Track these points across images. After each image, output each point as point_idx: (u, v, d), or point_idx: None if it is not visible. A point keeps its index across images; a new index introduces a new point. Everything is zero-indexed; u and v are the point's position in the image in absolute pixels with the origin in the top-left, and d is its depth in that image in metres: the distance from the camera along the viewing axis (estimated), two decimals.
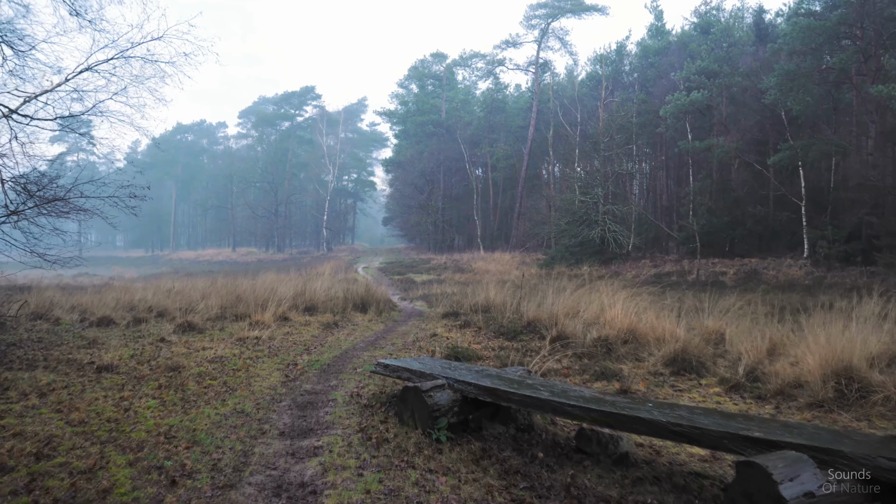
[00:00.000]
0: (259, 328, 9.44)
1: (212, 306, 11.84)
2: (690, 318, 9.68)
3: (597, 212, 32.31)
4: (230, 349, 7.92)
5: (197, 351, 7.83)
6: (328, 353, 7.98)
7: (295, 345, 8.57)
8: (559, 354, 7.44)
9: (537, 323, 9.14)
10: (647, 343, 7.94)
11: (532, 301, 11.21)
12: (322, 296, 13.27)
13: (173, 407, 5.24)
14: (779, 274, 25.07)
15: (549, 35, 43.85)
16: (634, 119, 34.69)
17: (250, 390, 5.91)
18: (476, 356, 7.31)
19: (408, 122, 54.99)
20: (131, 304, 12.98)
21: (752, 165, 29.96)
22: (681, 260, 30.99)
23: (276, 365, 7.15)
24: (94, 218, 8.46)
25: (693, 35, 35.91)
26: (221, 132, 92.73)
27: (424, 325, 10.98)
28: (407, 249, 56.51)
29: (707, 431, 3.12)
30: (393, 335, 9.65)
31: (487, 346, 8.34)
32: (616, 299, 10.32)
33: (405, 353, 7.91)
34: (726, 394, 5.81)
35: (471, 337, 9.11)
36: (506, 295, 12.62)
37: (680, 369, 6.64)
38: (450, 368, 5.07)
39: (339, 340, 9.14)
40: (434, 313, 13.03)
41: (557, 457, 4.01)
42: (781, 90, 25.03)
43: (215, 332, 9.44)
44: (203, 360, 7.19)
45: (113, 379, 6.24)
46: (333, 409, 5.26)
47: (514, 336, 8.80)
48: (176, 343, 8.44)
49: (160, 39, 10.88)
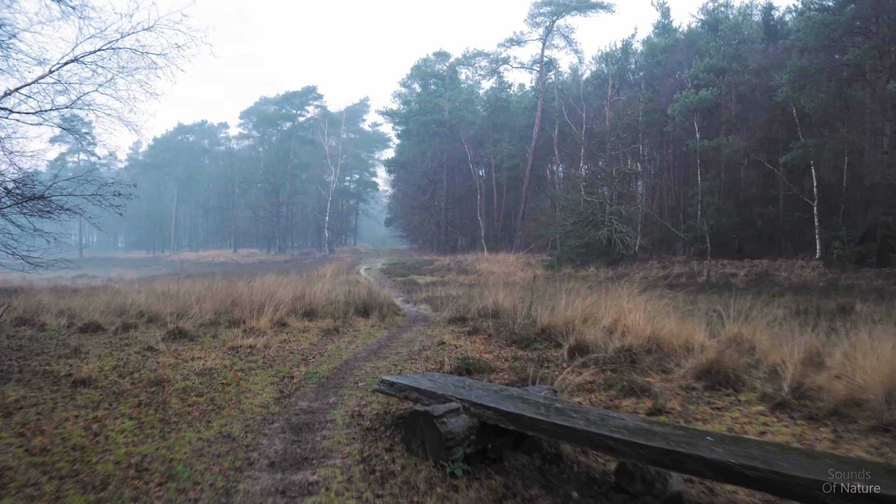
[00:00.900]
0: (254, 335, 8.83)
1: (206, 311, 11.24)
2: (712, 324, 9.09)
3: (603, 212, 31.68)
4: (221, 359, 7.32)
5: (185, 361, 7.23)
6: (327, 364, 7.37)
7: (292, 354, 7.96)
8: (578, 364, 6.84)
9: (552, 330, 8.54)
10: (672, 352, 7.33)
11: (544, 305, 10.61)
12: (322, 299, 12.67)
13: (150, 430, 4.64)
14: (791, 275, 24.44)
15: (554, 33, 43.32)
16: (641, 118, 34.08)
17: (240, 409, 5.31)
18: (489, 368, 6.70)
19: (410, 122, 54.41)
20: (123, 308, 12.35)
21: (762, 164, 29.34)
22: (689, 261, 30.38)
23: (269, 378, 6.55)
24: (74, 218, 7.84)
25: (701, 33, 35.30)
26: (223, 133, 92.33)
27: (430, 331, 10.37)
28: (409, 250, 55.95)
29: (793, 479, 2.50)
30: (397, 343, 9.04)
31: (500, 355, 7.72)
32: (633, 304, 9.73)
33: (411, 364, 7.29)
34: (771, 413, 5.18)
35: (481, 345, 8.49)
36: (515, 298, 12.02)
37: (714, 383, 6.03)
38: (464, 387, 4.46)
39: (340, 349, 8.54)
40: (440, 318, 12.43)
41: (595, 497, 3.40)
42: (793, 87, 24.42)
43: (207, 340, 8.85)
44: (191, 373, 6.59)
45: (89, 395, 5.65)
46: (332, 432, 4.66)
47: (527, 344, 8.20)
48: (164, 352, 7.84)
49: (151, 30, 10.31)
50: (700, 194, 31.30)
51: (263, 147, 73.94)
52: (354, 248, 67.52)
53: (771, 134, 29.00)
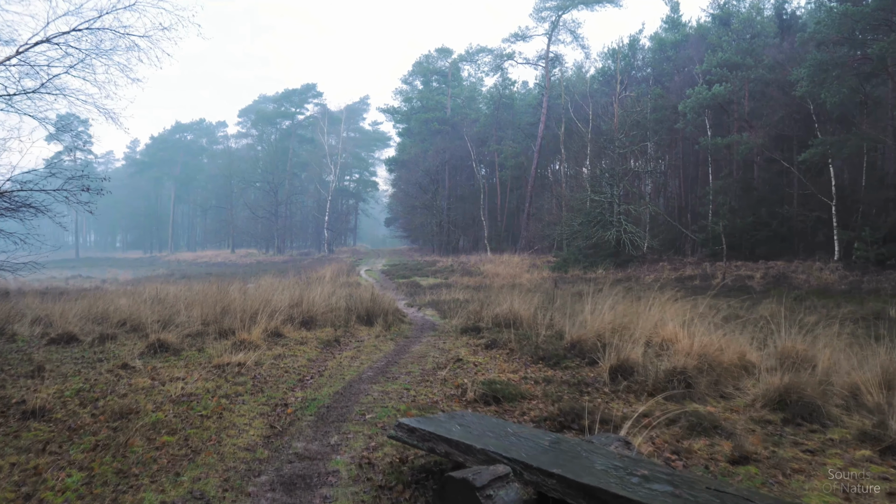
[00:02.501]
0: (245, 349, 7.79)
1: (194, 319, 10.22)
2: (755, 335, 8.10)
3: (612, 212, 30.65)
4: (204, 381, 6.28)
5: (162, 384, 6.19)
6: (328, 388, 6.32)
7: (287, 373, 6.92)
8: (622, 389, 5.82)
9: (583, 344, 7.51)
10: (726, 372, 6.33)
11: (564, 312, 9.60)
12: (322, 305, 11.62)
13: (101, 489, 3.60)
14: (810, 278, 23.43)
15: (560, 28, 42.20)
16: (649, 115, 33.06)
17: (219, 453, 4.27)
18: (520, 394, 5.66)
19: (412, 120, 53.34)
20: (104, 314, 11.28)
21: (776, 163, 28.35)
22: (700, 263, 29.38)
23: (259, 406, 5.51)
24: (39, 216, 6.81)
25: (711, 27, 34.33)
26: (221, 132, 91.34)
27: (442, 343, 9.33)
28: (410, 251, 54.96)
29: None
30: (406, 358, 8.00)
31: (527, 376, 6.67)
32: (667, 312, 8.72)
33: (425, 388, 6.23)
34: (882, 459, 4.16)
35: (503, 362, 7.45)
36: (533, 305, 11.00)
37: (793, 416, 5.01)
38: (506, 435, 3.44)
39: (342, 366, 7.50)
40: (450, 326, 11.40)
41: None
42: (813, 82, 23.38)
43: (192, 354, 7.81)
44: (166, 400, 5.55)
45: (38, 431, 4.63)
46: (334, 489, 3.63)
47: (556, 362, 7.16)
48: (139, 371, 6.82)
49: (132, 8, 9.27)
50: (712, 193, 30.30)
51: (262, 146, 72.92)
52: (354, 248, 66.56)
53: (785, 131, 27.95)
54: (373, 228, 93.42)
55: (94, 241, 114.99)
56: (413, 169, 49.90)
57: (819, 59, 22.85)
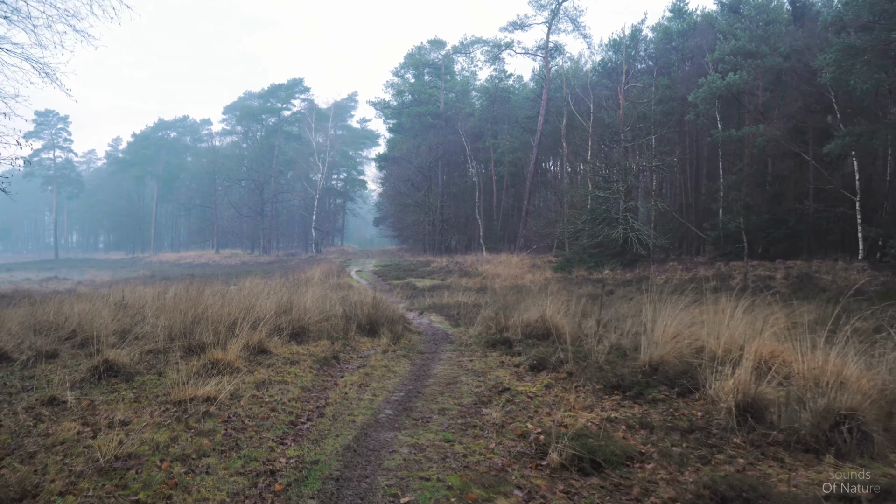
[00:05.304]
0: (218, 374, 5.87)
1: (160, 330, 8.28)
2: (867, 350, 6.36)
3: (618, 209, 28.93)
4: (154, 430, 4.35)
5: (95, 433, 4.26)
6: (333, 439, 4.39)
7: (274, 413, 4.99)
8: (766, 441, 4.00)
9: (667, 367, 5.67)
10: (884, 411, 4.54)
11: (607, 321, 7.79)
12: (315, 312, 9.67)
13: None
14: (836, 278, 21.84)
15: (561, 16, 40.33)
16: (655, 107, 31.39)
17: None
18: (624, 454, 3.79)
19: (403, 115, 51.37)
20: (52, 324, 9.25)
21: (792, 156, 26.79)
22: (713, 262, 27.78)
23: (231, 479, 3.60)
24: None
25: (719, 15, 32.81)
26: (206, 129, 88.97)
27: (469, 361, 7.45)
28: (400, 251, 53.19)
29: None
30: (432, 386, 6.10)
31: (612, 417, 4.79)
32: (741, 322, 6.93)
33: (476, 441, 4.30)
34: None
35: (564, 392, 5.56)
36: (569, 311, 9.15)
37: None
38: None
39: (348, 399, 5.58)
40: (468, 337, 9.55)
41: None
42: (840, 68, 21.75)
43: (148, 381, 5.88)
44: (89, 468, 3.63)
45: None
46: None
47: (639, 392, 5.31)
48: (69, 409, 4.89)
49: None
50: (724, 189, 28.70)
51: (248, 143, 70.77)
52: (342, 248, 64.69)
53: (804, 122, 26.35)
54: (360, 228, 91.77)
55: (77, 241, 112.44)
56: (405, 165, 47.93)
57: (847, 43, 21.24)
